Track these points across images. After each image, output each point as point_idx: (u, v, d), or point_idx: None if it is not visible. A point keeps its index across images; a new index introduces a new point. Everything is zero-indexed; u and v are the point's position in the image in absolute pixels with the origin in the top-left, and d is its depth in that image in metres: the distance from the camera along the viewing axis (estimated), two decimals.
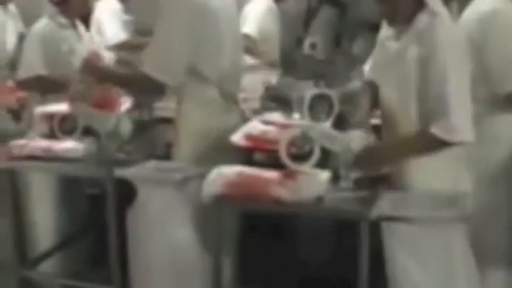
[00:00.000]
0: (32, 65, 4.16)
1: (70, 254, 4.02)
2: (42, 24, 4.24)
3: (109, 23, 5.78)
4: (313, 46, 5.14)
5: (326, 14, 5.54)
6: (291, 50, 5.56)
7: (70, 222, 3.99)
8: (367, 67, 3.78)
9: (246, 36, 5.12)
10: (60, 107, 3.57)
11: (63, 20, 4.20)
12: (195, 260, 3.16)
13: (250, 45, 5.13)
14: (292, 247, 4.00)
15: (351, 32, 5.50)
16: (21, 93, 4.31)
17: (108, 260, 3.43)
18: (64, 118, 3.46)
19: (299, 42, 5.45)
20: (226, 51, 3.41)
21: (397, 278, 2.79)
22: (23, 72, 4.18)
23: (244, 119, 3.47)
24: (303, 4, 5.88)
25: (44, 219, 3.95)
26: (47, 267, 3.95)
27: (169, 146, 3.56)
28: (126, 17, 5.92)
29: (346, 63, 4.49)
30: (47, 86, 4.15)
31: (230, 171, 2.90)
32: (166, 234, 3.12)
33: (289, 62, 5.11)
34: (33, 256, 3.93)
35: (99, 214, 3.58)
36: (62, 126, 3.46)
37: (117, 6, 5.94)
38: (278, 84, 3.85)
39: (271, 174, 2.86)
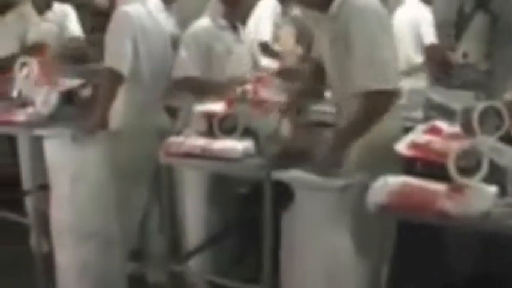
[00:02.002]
0: (183, 66, 4.20)
1: (218, 252, 4.08)
2: (199, 24, 4.29)
3: (266, 20, 5.87)
4: (465, 55, 5.04)
5: (480, 21, 5.39)
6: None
7: (220, 220, 4.05)
8: None
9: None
10: (221, 107, 3.62)
11: (222, 22, 4.25)
12: (352, 267, 3.11)
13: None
14: (445, 255, 3.91)
15: (502, 41, 5.34)
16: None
17: (253, 259, 3.46)
18: (225, 117, 3.50)
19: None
20: None
21: None
22: (176, 73, 4.23)
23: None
24: (452, 8, 5.74)
25: (196, 216, 4.03)
26: (196, 263, 4.02)
27: None
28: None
29: (502, 73, 4.37)
30: (197, 88, 4.20)
31: (396, 181, 2.86)
32: (323, 239, 3.09)
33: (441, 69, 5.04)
34: (183, 251, 4.01)
35: (248, 213, 3.61)
36: (221, 126, 3.50)
37: (278, 7, 6.01)
38: (437, 93, 3.77)
39: (438, 186, 2.80)
